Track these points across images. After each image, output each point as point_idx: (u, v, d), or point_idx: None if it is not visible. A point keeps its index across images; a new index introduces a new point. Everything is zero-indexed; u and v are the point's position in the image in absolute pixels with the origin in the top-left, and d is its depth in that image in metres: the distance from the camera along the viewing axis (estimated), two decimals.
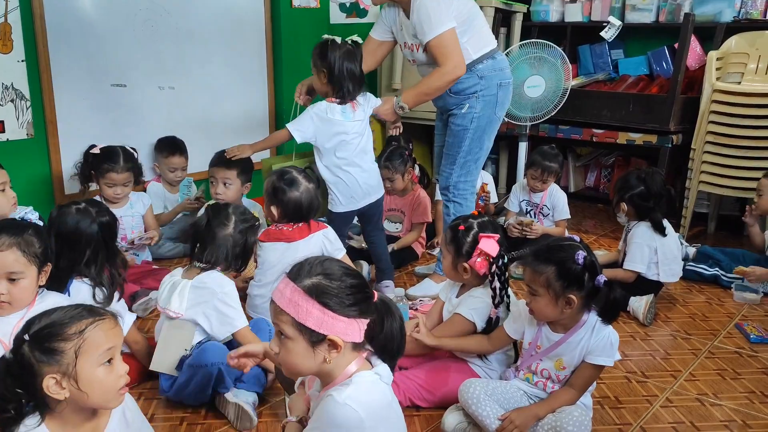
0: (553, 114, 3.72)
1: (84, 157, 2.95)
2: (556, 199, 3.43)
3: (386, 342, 1.36)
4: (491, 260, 1.98)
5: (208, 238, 2.05)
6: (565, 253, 1.75)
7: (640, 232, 2.81)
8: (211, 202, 2.20)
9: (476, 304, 2.04)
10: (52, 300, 1.79)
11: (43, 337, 1.28)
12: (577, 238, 1.85)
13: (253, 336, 2.02)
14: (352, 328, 1.29)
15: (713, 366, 2.34)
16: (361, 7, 4.39)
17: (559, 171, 3.42)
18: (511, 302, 2.01)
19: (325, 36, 2.59)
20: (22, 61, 2.95)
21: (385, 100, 2.72)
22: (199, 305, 1.98)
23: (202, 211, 2.83)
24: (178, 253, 3.31)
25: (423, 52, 2.64)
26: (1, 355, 1.33)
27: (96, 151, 2.89)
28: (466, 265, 2.03)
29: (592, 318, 1.81)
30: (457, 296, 2.15)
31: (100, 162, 2.86)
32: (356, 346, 1.34)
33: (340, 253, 2.47)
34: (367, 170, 2.69)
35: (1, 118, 2.92)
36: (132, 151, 2.96)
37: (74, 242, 1.98)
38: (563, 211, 3.43)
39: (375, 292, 1.37)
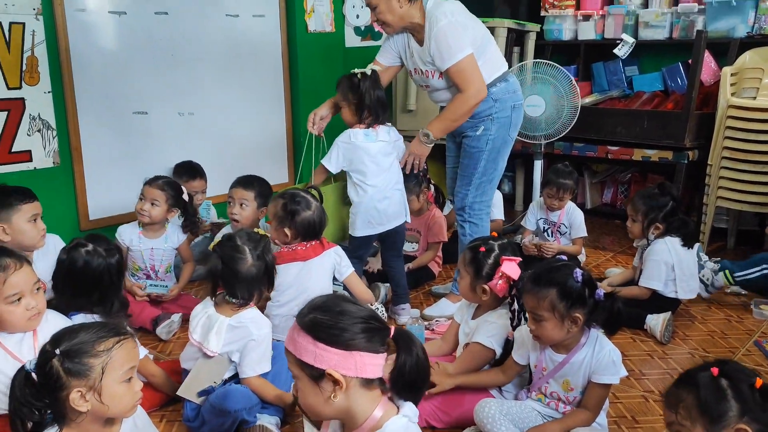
0: (565, 133, 3.74)
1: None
2: (573, 217, 3.45)
3: (409, 379, 1.28)
4: (512, 283, 2.00)
5: (231, 278, 2.03)
6: (563, 273, 1.77)
7: (658, 249, 2.81)
8: (218, 237, 2.19)
9: (493, 330, 2.06)
10: (57, 320, 1.89)
11: (74, 353, 1.38)
12: (564, 257, 1.88)
13: (265, 387, 2.03)
14: (349, 362, 1.24)
15: None
16: (376, 30, 4.46)
17: (575, 188, 3.44)
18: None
19: (355, 70, 2.67)
20: (49, 92, 3.05)
21: (413, 140, 2.78)
22: (235, 343, 2.01)
23: (219, 234, 2.90)
24: (199, 276, 3.36)
25: (439, 78, 2.70)
26: (17, 367, 1.44)
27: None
28: (485, 286, 2.05)
29: (592, 336, 1.83)
30: (473, 318, 2.17)
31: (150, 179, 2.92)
32: (368, 383, 1.28)
33: (348, 270, 2.49)
34: (388, 196, 2.72)
35: (29, 147, 3.03)
36: (185, 191, 2.96)
37: (82, 282, 2.06)
38: (580, 228, 3.44)
39: (392, 326, 1.32)
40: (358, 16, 4.33)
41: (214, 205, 3.56)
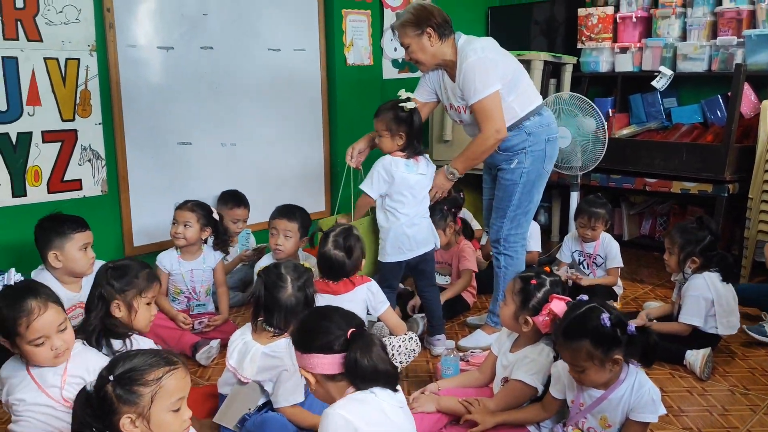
0: (596, 165, 3.73)
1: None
2: (608, 248, 3.42)
3: (372, 371, 1.56)
4: (557, 321, 2.00)
5: (271, 305, 2.07)
6: (591, 321, 1.77)
7: (696, 284, 2.77)
8: (262, 265, 2.24)
9: (534, 368, 2.06)
10: (87, 354, 1.91)
11: (126, 380, 1.43)
12: (585, 297, 1.88)
13: (301, 415, 2.06)
14: (313, 362, 1.61)
15: None
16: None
17: (608, 218, 3.41)
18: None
19: (401, 102, 2.69)
20: (99, 123, 3.19)
21: (437, 174, 2.81)
22: (268, 371, 2.04)
23: (259, 263, 2.96)
24: (237, 302, 3.44)
25: (470, 113, 2.74)
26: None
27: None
28: (528, 318, 2.06)
29: (631, 373, 1.82)
30: (511, 350, 2.17)
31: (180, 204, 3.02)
32: (331, 378, 1.61)
33: (383, 306, 2.51)
34: (417, 223, 2.75)
35: (80, 176, 3.16)
36: (214, 211, 3.06)
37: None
38: (615, 259, 3.41)
39: (350, 329, 1.59)
40: (395, 49, 4.42)
41: (253, 233, 3.65)
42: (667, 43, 4.17)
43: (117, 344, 2.02)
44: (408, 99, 2.71)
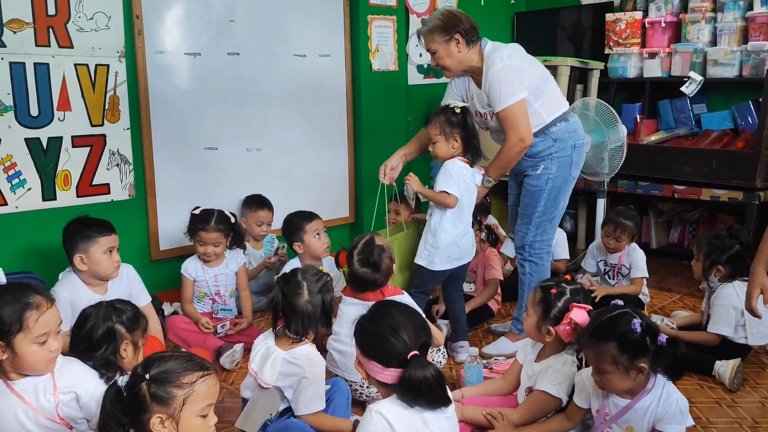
0: (615, 171, 3.67)
1: (190, 216, 3.12)
2: (633, 258, 3.35)
3: (421, 395, 1.58)
4: (579, 330, 1.98)
5: (289, 311, 2.07)
6: (621, 325, 1.75)
7: (725, 294, 2.73)
8: (285, 269, 2.24)
9: (558, 378, 2.04)
10: (73, 365, 1.86)
11: (161, 381, 1.45)
12: (620, 302, 1.85)
13: (323, 420, 2.06)
14: (369, 366, 1.65)
15: None
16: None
17: (635, 232, 3.32)
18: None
19: (451, 105, 2.68)
20: (127, 129, 3.24)
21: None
22: (288, 377, 2.04)
23: (288, 266, 2.97)
24: (261, 307, 3.45)
25: (496, 120, 2.73)
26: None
27: (196, 212, 3.06)
28: (551, 328, 2.04)
29: (659, 383, 1.79)
30: (536, 360, 2.15)
31: (195, 222, 3.04)
32: (382, 384, 1.65)
33: None
34: (468, 232, 2.77)
35: (108, 180, 3.20)
36: (229, 215, 3.09)
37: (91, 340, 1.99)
38: (639, 268, 3.32)
39: (412, 352, 1.59)
40: (421, 55, 4.41)
41: (278, 238, 3.66)
42: (697, 48, 4.10)
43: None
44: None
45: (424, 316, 1.93)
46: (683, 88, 4.01)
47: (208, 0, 3.46)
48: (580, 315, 1.97)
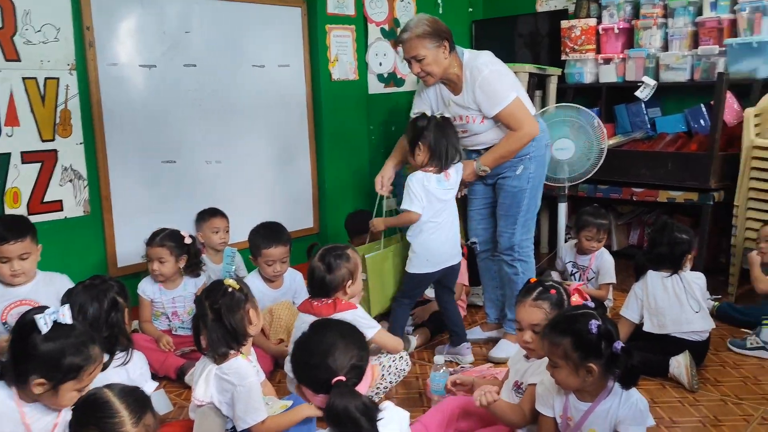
0: (591, 175, 3.74)
1: None
2: (602, 262, 3.44)
3: (345, 424, 1.51)
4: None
5: (202, 327, 2.06)
6: (579, 323, 1.76)
7: (639, 283, 2.88)
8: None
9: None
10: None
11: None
12: (591, 304, 1.87)
13: (277, 420, 2.02)
14: (303, 390, 1.69)
15: None
16: (399, 77, 4.54)
17: (609, 227, 3.48)
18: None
19: (416, 114, 2.80)
20: (81, 143, 3.15)
21: (465, 165, 2.86)
22: (222, 393, 2.01)
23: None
24: None
25: (481, 122, 2.80)
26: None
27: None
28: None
29: (618, 384, 1.80)
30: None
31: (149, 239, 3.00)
32: (319, 408, 1.64)
33: (371, 331, 2.38)
34: (449, 238, 2.82)
35: (61, 197, 3.10)
36: (185, 235, 3.01)
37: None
38: (608, 274, 3.42)
39: (336, 377, 1.57)
40: (380, 64, 4.41)
41: (240, 251, 3.59)
42: (650, 53, 4.19)
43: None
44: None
45: (365, 335, 1.79)
46: (638, 93, 4.09)
47: (162, 11, 3.40)
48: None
